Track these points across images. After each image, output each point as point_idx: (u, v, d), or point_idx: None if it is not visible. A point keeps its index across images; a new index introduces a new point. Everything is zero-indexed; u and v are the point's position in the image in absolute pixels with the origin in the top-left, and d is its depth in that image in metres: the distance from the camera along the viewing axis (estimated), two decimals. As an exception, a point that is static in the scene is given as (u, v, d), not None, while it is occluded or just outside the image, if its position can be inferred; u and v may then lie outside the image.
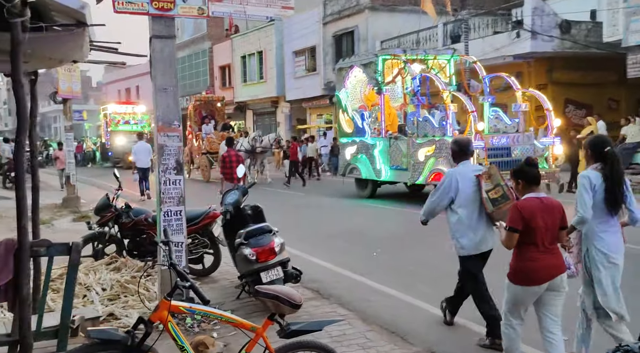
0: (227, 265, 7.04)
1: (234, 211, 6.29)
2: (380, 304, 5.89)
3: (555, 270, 3.74)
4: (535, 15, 17.03)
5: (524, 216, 3.68)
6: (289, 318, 3.28)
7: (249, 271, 5.66)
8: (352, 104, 15.06)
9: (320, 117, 30.15)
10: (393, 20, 24.05)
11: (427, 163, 12.33)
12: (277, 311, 3.15)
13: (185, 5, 5.50)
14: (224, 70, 36.78)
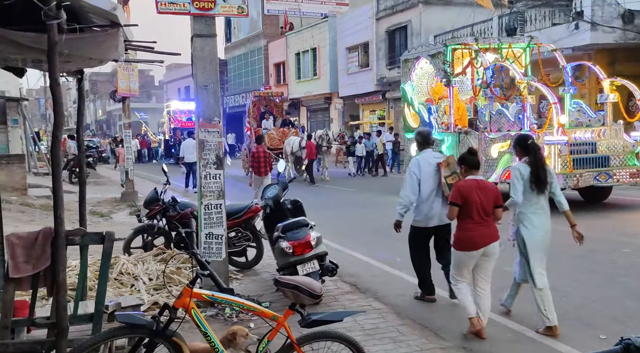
0: (269, 258, 7.19)
1: (274, 205, 6.44)
2: (415, 299, 5.87)
3: (489, 238, 4.66)
4: (595, 5, 16.31)
5: (462, 193, 4.64)
6: (313, 309, 3.36)
7: (286, 263, 5.78)
8: (418, 97, 14.26)
9: (373, 113, 30.07)
10: (447, 13, 23.62)
11: (501, 159, 11.42)
12: (297, 301, 3.22)
13: (225, 4, 5.68)
14: (278, 67, 37.29)
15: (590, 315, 5.14)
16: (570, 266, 6.96)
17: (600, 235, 8.68)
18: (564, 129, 10.71)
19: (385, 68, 26.98)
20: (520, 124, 11.17)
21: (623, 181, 10.84)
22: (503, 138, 11.42)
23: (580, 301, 5.60)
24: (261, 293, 6.08)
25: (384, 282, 6.59)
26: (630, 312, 4.91)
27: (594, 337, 4.54)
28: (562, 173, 10.30)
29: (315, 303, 3.29)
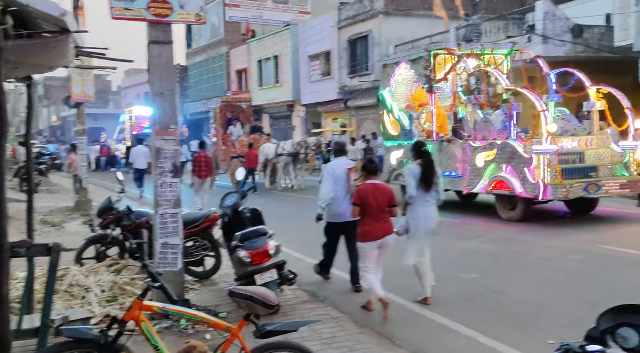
0: (228, 268, 7.10)
1: (233, 213, 6.38)
2: (374, 307, 5.90)
3: (384, 232, 5.61)
4: (546, 19, 16.88)
5: (361, 195, 5.61)
6: (270, 318, 3.33)
7: (244, 273, 5.73)
8: (398, 104, 13.64)
9: (335, 121, 30.21)
10: (406, 24, 24.02)
11: (486, 169, 10.92)
12: (252, 311, 3.19)
13: (182, 11, 5.61)
14: (240, 74, 37.10)
15: (544, 321, 5.28)
16: (526, 273, 7.14)
17: (556, 242, 8.94)
18: (553, 137, 10.07)
19: (347, 77, 27.20)
20: (506, 132, 10.70)
21: (613, 192, 10.37)
22: (489, 146, 10.94)
23: (535, 307, 5.73)
24: (218, 303, 6.00)
25: (343, 291, 6.59)
26: (578, 318, 5.05)
27: (545, 342, 4.66)
28: (551, 184, 9.78)
29: (270, 313, 3.25)
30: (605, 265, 7.36)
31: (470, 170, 11.30)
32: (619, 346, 2.05)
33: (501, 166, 10.58)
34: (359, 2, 26.47)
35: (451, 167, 11.75)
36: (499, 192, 10.82)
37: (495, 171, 10.74)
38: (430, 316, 5.55)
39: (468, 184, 11.46)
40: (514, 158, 10.32)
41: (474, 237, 9.59)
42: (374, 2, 25.30)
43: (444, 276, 7.04)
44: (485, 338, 4.89)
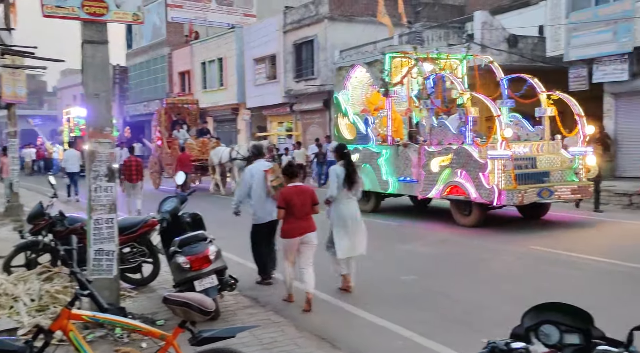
0: (167, 274, 6.94)
1: (172, 219, 6.25)
2: (314, 310, 5.93)
3: (306, 230, 6.00)
4: (484, 29, 17.49)
5: (285, 198, 5.95)
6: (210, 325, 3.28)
7: (183, 279, 5.60)
8: (353, 107, 13.43)
9: (281, 125, 30.16)
10: (351, 30, 24.31)
11: (441, 174, 10.80)
12: (188, 318, 3.13)
13: (119, 10, 5.47)
14: (183, 76, 36.44)
15: (477, 320, 5.44)
16: (462, 274, 7.34)
17: (491, 244, 9.25)
18: (507, 142, 9.99)
19: (293, 81, 27.22)
20: (462, 137, 10.58)
21: (565, 197, 10.41)
22: (444, 151, 10.81)
23: (469, 307, 5.91)
24: (156, 310, 5.85)
25: (284, 295, 6.57)
26: (509, 316, 5.21)
27: (478, 341, 4.79)
28: (506, 189, 9.71)
29: (207, 319, 3.20)
30: (534, 266, 7.67)
31: (425, 175, 11.19)
32: (542, 343, 2.14)
33: (456, 171, 10.50)
34: (304, 7, 26.58)
35: (406, 172, 11.67)
36: (454, 197, 10.74)
37: (450, 177, 10.64)
38: (369, 318, 5.62)
39: (423, 189, 11.32)
40: (469, 163, 10.24)
41: (414, 240, 9.79)
42: (319, 7, 25.47)
43: (384, 278, 7.18)
44: (421, 338, 5.00)
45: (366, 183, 12.43)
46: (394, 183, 12.05)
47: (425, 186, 11.22)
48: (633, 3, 14.28)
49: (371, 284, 6.93)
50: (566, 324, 2.10)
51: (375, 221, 11.83)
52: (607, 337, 2.03)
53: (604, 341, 2.02)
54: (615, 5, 14.81)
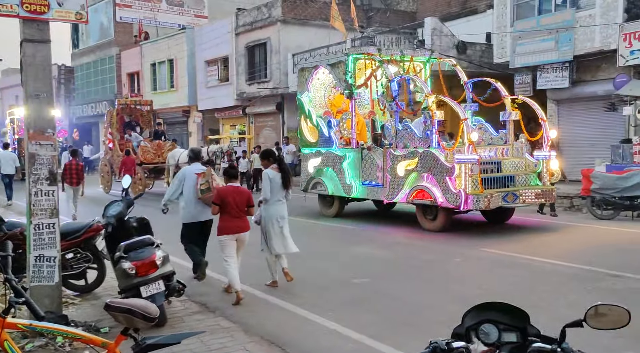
0: (113, 280, 6.76)
1: (118, 223, 6.10)
2: (264, 315, 5.90)
3: (240, 228, 6.42)
4: (434, 35, 17.87)
5: (221, 195, 6.34)
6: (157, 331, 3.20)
7: (129, 285, 5.47)
8: (316, 109, 13.15)
9: (233, 128, 29.89)
10: (304, 33, 24.39)
11: (407, 178, 10.59)
12: (131, 325, 3.04)
13: (61, 9, 5.29)
14: (132, 77, 35.63)
15: (425, 321, 5.53)
16: (412, 276, 7.45)
17: (443, 246, 9.43)
18: (474, 146, 9.87)
19: (245, 83, 27.04)
20: (428, 140, 10.43)
21: (529, 201, 10.39)
22: (410, 155, 10.61)
23: (418, 308, 6.00)
24: (101, 318, 5.68)
25: (234, 300, 6.50)
26: (454, 316, 5.33)
27: (425, 342, 4.87)
28: (473, 194, 9.60)
29: (150, 326, 3.12)
30: (482, 267, 7.88)
31: (391, 179, 10.96)
32: (481, 341, 2.19)
33: (422, 175, 10.32)
34: (256, 9, 26.47)
35: (372, 176, 11.44)
36: (420, 202, 10.56)
37: (416, 181, 10.45)
38: (320, 321, 5.62)
39: (389, 193, 11.09)
40: (435, 167, 10.10)
41: (367, 243, 9.88)
42: (271, 10, 25.42)
43: (337, 281, 7.21)
44: (372, 340, 5.04)
45: (329, 187, 12.48)
46: (358, 187, 11.84)
47: (391, 191, 11.00)
48: (573, 13, 14.92)
49: (323, 287, 6.96)
50: (504, 323, 2.15)
51: (334, 225, 11.91)
52: (542, 335, 2.10)
53: (539, 338, 2.09)
54: (556, 15, 15.44)
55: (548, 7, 15.93)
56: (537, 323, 2.20)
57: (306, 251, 9.16)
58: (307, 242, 10.00)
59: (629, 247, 8.83)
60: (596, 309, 2.08)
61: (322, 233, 11.15)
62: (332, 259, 8.63)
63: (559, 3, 15.86)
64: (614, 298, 5.38)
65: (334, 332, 5.35)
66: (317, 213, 13.31)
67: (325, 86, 13.35)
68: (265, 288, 6.92)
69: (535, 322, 2.20)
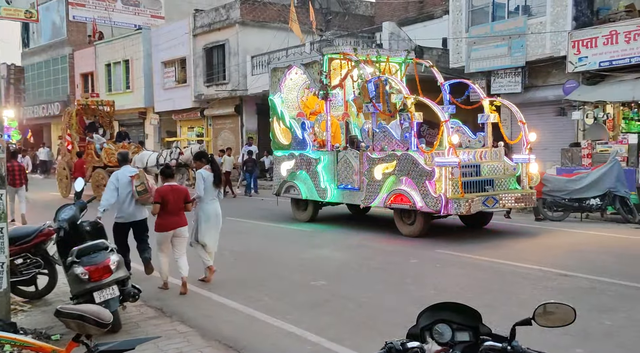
0: (65, 286, 6.57)
1: (71, 227, 5.93)
2: (222, 319, 5.85)
3: (178, 224, 6.90)
4: (392, 39, 18.12)
5: (161, 194, 6.80)
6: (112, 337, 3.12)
7: (81, 291, 5.32)
8: (289, 111, 12.80)
9: (191, 130, 29.49)
10: (263, 36, 24.30)
11: (385, 181, 10.28)
12: (83, 332, 2.97)
13: (9, 7, 5.12)
14: (86, 77, 34.72)
15: (382, 323, 5.59)
16: (369, 278, 7.51)
17: (400, 248, 9.55)
18: (455, 149, 9.54)
19: (204, 85, 26.74)
20: (407, 143, 10.12)
21: (509, 206, 10.16)
22: (388, 158, 10.28)
23: (375, 310, 6.06)
24: (52, 325, 5.51)
25: (192, 305, 6.43)
26: (411, 318, 5.42)
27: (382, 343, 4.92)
28: (453, 198, 9.32)
29: (103, 332, 3.05)
30: (439, 268, 8.02)
31: (367, 183, 10.61)
32: (436, 341, 2.23)
33: (401, 178, 10.02)
34: (214, 11, 26.23)
35: (348, 179, 11.09)
36: (398, 206, 10.20)
37: (394, 184, 10.13)
38: (278, 324, 5.61)
39: (366, 197, 10.73)
40: (414, 171, 9.81)
41: (326, 245, 9.91)
42: (230, 11, 25.24)
43: (296, 285, 7.21)
44: (330, 343, 5.06)
45: (303, 191, 12.03)
46: (333, 190, 11.48)
47: (368, 195, 10.66)
48: (525, 20, 15.40)
49: (282, 290, 6.94)
50: (458, 322, 2.20)
51: (296, 229, 11.88)
52: (494, 333, 2.15)
53: (490, 337, 2.14)
54: (509, 22, 15.90)
55: (501, 14, 16.39)
56: (489, 322, 2.26)
57: (267, 255, 9.17)
58: (268, 246, 9.99)
59: (577, 248, 9.15)
60: (544, 307, 2.16)
61: (285, 236, 11.12)
62: (291, 262, 8.62)
63: (512, 10, 16.34)
64: (562, 297, 5.59)
65: (292, 334, 5.35)
66: (289, 217, 12.98)
67: (299, 87, 13.04)
68: (225, 292, 6.86)
69: (488, 321, 2.26)
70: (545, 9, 15.18)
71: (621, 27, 13.38)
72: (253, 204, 16.69)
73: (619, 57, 13.52)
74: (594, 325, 5.29)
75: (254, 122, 25.76)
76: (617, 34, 13.45)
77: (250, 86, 24.33)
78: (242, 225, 12.11)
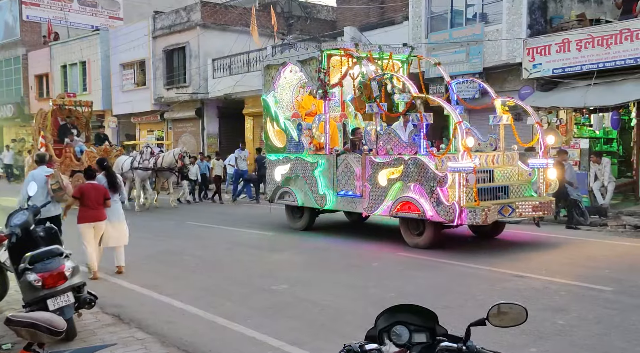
0: (17, 294, 6.35)
1: (24, 233, 5.75)
2: (182, 325, 5.77)
3: (97, 218, 7.76)
4: (352, 43, 18.22)
5: (80, 190, 7.74)
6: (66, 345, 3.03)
7: (34, 298, 5.17)
8: (283, 111, 11.90)
9: (151, 133, 29.01)
10: (224, 39, 24.14)
11: (391, 188, 9.36)
12: (35, 340, 2.88)
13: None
14: (41, 79, 33.73)
15: (343, 325, 5.61)
16: (331, 281, 7.53)
17: (362, 250, 9.60)
18: (469, 153, 8.58)
19: (164, 88, 26.34)
20: (415, 146, 9.23)
21: (526, 215, 9.25)
22: (394, 162, 9.35)
23: (337, 312, 6.08)
24: (2, 334, 5.32)
25: (151, 311, 6.32)
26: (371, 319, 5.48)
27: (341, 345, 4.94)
28: (468, 207, 8.47)
29: (57, 340, 2.97)
30: (399, 270, 8.10)
31: (371, 189, 9.72)
32: (393, 343, 2.26)
33: (408, 185, 9.11)
34: (175, 13, 25.91)
35: (348, 185, 10.14)
36: (405, 215, 9.29)
37: (401, 191, 9.23)
38: (238, 329, 5.57)
39: (369, 205, 9.83)
40: (424, 176, 8.91)
41: (287, 249, 9.89)
42: (190, 14, 24.98)
43: (256, 289, 7.17)
44: (291, 347, 5.05)
45: (298, 198, 11.17)
46: (332, 197, 10.51)
47: (371, 202, 9.75)
48: (482, 27, 15.77)
49: (243, 295, 6.90)
50: (415, 324, 2.23)
51: (261, 234, 11.80)
52: (450, 334, 2.20)
53: (446, 338, 2.18)
54: (467, 29, 16.25)
55: (460, 21, 16.73)
56: (446, 323, 2.31)
57: (228, 260, 9.10)
58: (229, 251, 9.91)
59: (534, 249, 9.38)
60: (498, 308, 2.21)
61: (249, 242, 11.04)
62: (251, 267, 8.57)
63: (469, 17, 16.70)
64: (518, 298, 5.73)
65: (252, 339, 5.31)
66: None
67: (293, 86, 12.14)
68: (184, 297, 6.76)
69: (446, 322, 2.31)
70: (501, 16, 15.58)
71: (573, 36, 13.85)
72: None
73: (570, 64, 13.98)
74: (547, 325, 5.45)
75: (215, 126, 25.52)
76: (569, 42, 13.91)
77: (211, 89, 24.10)
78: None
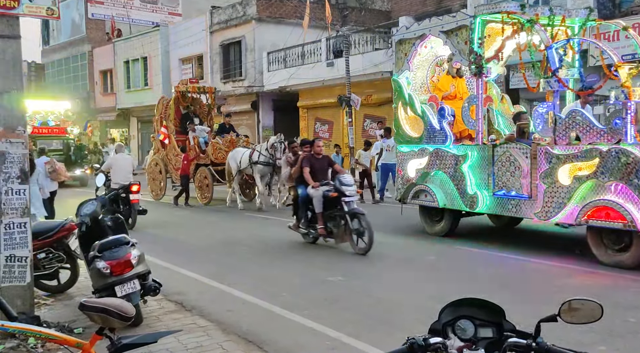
0: (86, 280, 6.67)
1: (93, 222, 6.01)
2: (242, 314, 5.88)
3: None
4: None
5: None
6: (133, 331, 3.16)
7: (103, 285, 5.40)
8: (418, 94, 10.15)
9: (208, 126, 29.68)
10: (279, 32, 24.34)
11: (578, 188, 7.37)
12: (106, 325, 3.00)
13: (31, 4, 5.19)
14: (105, 75, 35.11)
15: (401, 318, 5.57)
16: (386, 274, 7.50)
17: (417, 244, 9.50)
18: None
19: (220, 81, 26.87)
20: (618, 133, 7.19)
21: None
22: (584, 155, 7.32)
23: (393, 305, 6.05)
24: (75, 318, 5.60)
25: (212, 299, 6.48)
26: (431, 314, 5.41)
27: (402, 338, 4.91)
28: None
29: (126, 325, 3.08)
30: (456, 264, 7.97)
31: (546, 189, 7.75)
32: (458, 337, 2.22)
33: (606, 185, 7.12)
34: (231, 7, 26.33)
35: (511, 184, 8.26)
36: (601, 224, 7.20)
37: (594, 193, 7.25)
38: (297, 320, 5.62)
39: (542, 210, 7.83)
40: (632, 173, 6.87)
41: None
42: (246, 8, 25.31)
43: (311, 280, 7.22)
44: (348, 338, 5.06)
45: (439, 197, 9.30)
46: (486, 198, 8.66)
47: (547, 206, 7.75)
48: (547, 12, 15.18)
49: (300, 286, 6.96)
50: (480, 318, 2.18)
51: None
52: (518, 330, 2.14)
53: (514, 333, 2.12)
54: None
55: (520, 8, 16.16)
56: (511, 318, 2.25)
57: (283, 253, 9.22)
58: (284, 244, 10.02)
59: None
60: (569, 304, 2.13)
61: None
62: (302, 258, 8.64)
63: (531, 4, 16.11)
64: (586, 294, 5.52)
65: (310, 330, 5.36)
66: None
67: (428, 64, 10.41)
68: (243, 287, 6.89)
69: (510, 317, 2.25)
70: (566, 0, 14.97)
71: None
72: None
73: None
74: (618, 323, 5.23)
75: (270, 119, 25.85)
76: (639, 26, 13.20)
77: (266, 82, 24.39)
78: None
